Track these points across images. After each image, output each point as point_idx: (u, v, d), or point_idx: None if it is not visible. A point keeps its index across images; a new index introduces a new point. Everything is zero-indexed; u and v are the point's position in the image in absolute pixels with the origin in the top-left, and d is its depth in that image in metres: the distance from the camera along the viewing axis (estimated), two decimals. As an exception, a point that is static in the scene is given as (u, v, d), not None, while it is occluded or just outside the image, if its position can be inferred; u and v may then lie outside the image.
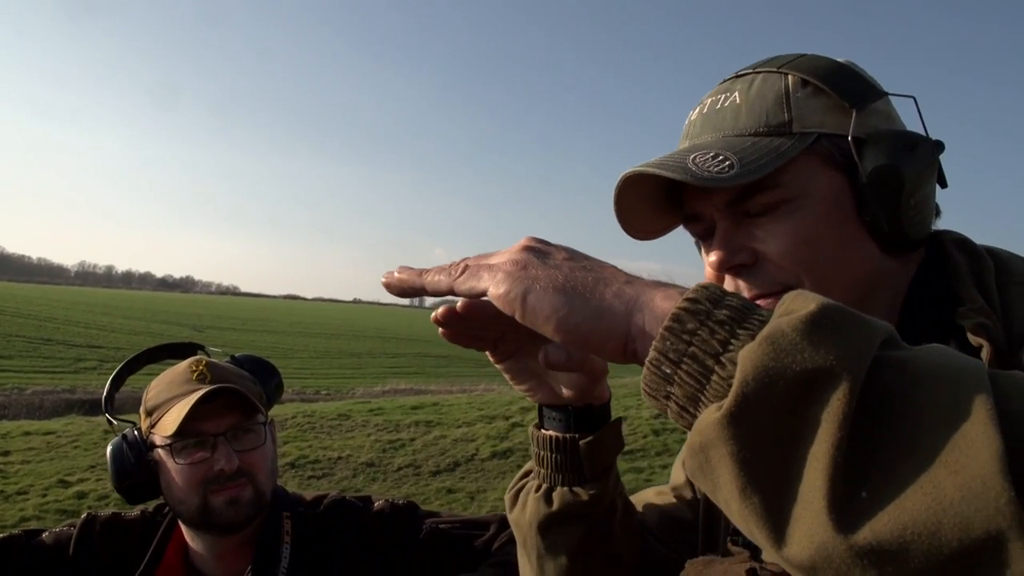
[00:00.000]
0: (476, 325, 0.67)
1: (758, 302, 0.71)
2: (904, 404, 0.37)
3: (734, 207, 0.76)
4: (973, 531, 0.33)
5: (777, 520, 0.38)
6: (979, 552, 0.33)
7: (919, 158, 0.73)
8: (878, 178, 0.72)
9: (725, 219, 0.77)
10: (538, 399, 0.76)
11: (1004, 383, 0.38)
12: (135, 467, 1.33)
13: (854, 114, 0.73)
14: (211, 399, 1.28)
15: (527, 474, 0.83)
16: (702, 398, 0.43)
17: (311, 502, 1.43)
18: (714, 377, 0.42)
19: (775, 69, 0.78)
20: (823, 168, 0.74)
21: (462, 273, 0.56)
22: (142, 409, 1.37)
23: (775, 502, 0.38)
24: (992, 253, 0.76)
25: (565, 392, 0.75)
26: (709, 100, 0.80)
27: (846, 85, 0.75)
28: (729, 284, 0.78)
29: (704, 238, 0.81)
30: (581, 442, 0.75)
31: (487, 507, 7.30)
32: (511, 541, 1.19)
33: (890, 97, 0.80)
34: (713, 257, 0.77)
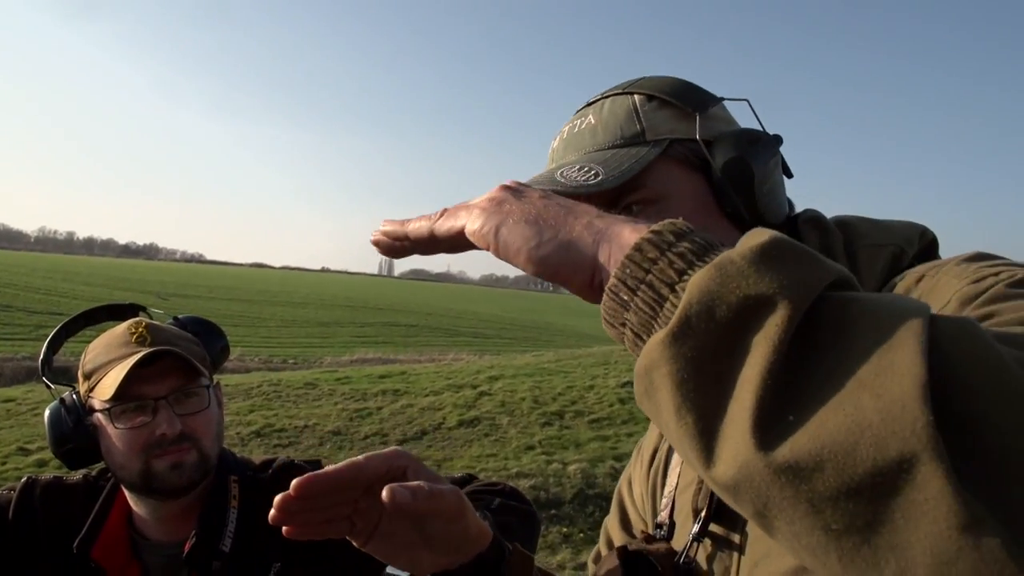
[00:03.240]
0: (321, 504, 0.70)
1: None
2: (842, 336, 0.38)
3: None
4: (888, 452, 0.34)
5: (708, 440, 0.39)
6: (892, 473, 0.34)
7: (762, 150, 0.80)
8: (730, 170, 0.78)
9: None
10: (426, 570, 0.75)
11: (944, 322, 0.38)
12: (73, 432, 1.30)
13: (698, 118, 0.80)
14: (150, 362, 1.25)
15: None
16: (655, 325, 0.43)
17: (260, 466, 1.42)
18: (667, 304, 0.43)
19: (621, 91, 0.84)
20: (681, 170, 0.80)
21: (440, 216, 0.56)
22: (80, 373, 1.34)
23: (707, 422, 0.39)
24: (843, 223, 0.81)
25: (443, 553, 0.74)
26: (567, 127, 0.86)
27: (686, 95, 0.82)
28: None
29: None
30: None
31: (453, 475, 7.31)
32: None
33: (727, 103, 0.87)
34: None
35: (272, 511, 0.66)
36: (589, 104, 0.86)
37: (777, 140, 0.83)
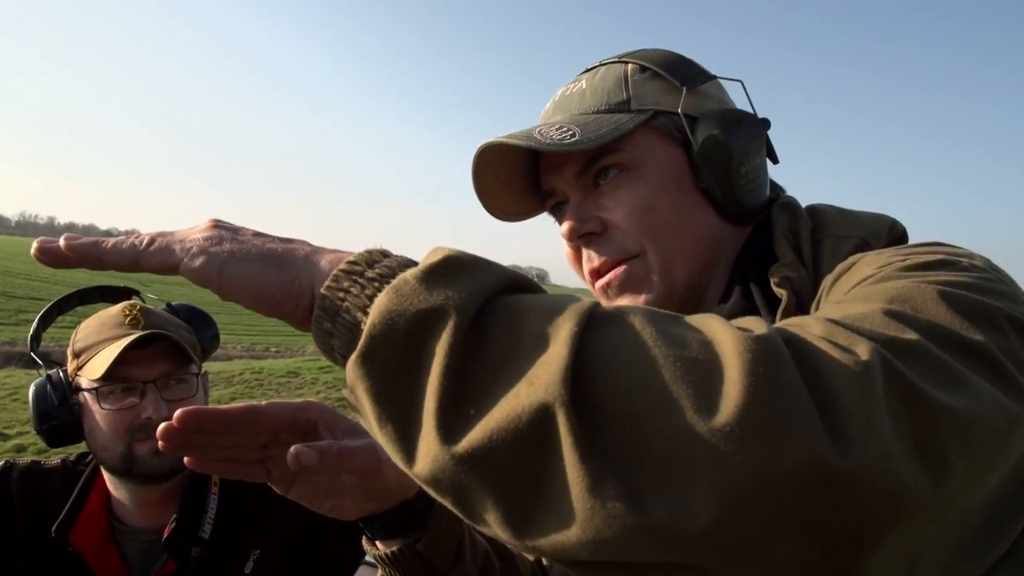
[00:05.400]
0: (220, 443, 0.68)
1: (612, 270, 0.81)
2: (511, 334, 0.43)
3: (583, 179, 0.83)
4: (536, 429, 0.39)
5: (406, 443, 0.44)
6: (542, 447, 0.39)
7: (745, 131, 0.81)
8: (708, 148, 0.80)
9: (576, 192, 0.84)
10: (351, 515, 0.75)
11: (600, 315, 0.44)
12: (57, 409, 1.29)
13: (684, 91, 0.82)
14: (143, 345, 1.24)
15: None
16: (355, 347, 0.46)
17: (241, 453, 1.41)
18: (362, 327, 0.46)
19: (617, 60, 0.86)
20: (661, 142, 0.82)
21: (149, 246, 0.54)
22: (69, 350, 1.33)
23: (403, 428, 0.44)
24: (814, 211, 0.82)
25: (365, 501, 0.74)
26: (560, 90, 0.88)
27: (679, 69, 0.84)
28: (583, 253, 0.84)
29: (560, 213, 0.87)
30: (418, 545, 0.75)
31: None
32: None
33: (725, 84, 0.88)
34: (565, 227, 0.83)
35: (163, 443, 0.65)
36: (586, 70, 0.88)
37: (764, 123, 0.84)
